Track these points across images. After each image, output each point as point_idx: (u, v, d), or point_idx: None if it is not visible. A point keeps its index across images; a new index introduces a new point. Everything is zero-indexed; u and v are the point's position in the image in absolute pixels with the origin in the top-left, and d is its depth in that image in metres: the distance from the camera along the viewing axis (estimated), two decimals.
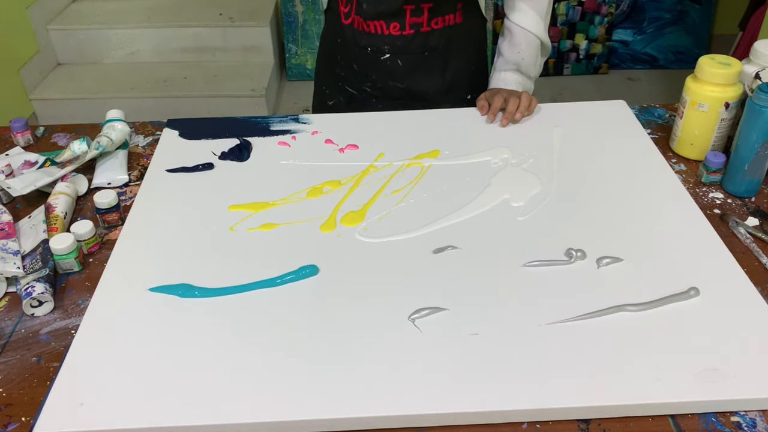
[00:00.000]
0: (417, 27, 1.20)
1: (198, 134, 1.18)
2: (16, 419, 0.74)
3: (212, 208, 1.01)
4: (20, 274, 0.88)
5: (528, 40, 1.24)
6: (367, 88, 1.29)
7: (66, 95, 2.81)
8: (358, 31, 1.22)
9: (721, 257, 0.89)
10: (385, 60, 1.24)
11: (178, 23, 2.97)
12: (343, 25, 1.24)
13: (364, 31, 1.21)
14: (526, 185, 1.04)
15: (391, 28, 1.19)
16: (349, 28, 1.23)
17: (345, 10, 1.21)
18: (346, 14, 1.21)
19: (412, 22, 1.19)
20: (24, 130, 1.20)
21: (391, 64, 1.24)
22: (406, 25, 1.19)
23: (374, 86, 1.28)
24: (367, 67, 1.26)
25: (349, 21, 1.22)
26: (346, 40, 1.25)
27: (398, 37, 1.21)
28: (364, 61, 1.25)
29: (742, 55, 1.18)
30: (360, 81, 1.28)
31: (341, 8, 1.22)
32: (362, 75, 1.27)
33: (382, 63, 1.24)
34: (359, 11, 1.19)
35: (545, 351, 0.76)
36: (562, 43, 3.12)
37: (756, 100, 0.97)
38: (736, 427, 0.71)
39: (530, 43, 1.24)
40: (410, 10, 1.18)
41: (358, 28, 1.22)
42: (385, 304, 0.83)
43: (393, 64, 1.24)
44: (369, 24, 1.20)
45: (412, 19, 1.19)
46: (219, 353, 0.78)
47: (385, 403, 0.71)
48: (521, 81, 1.25)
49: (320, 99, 1.39)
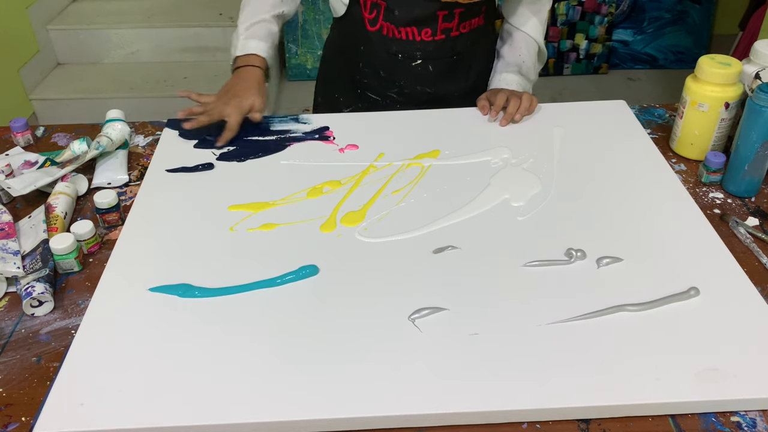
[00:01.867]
0: (447, 32, 1.20)
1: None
2: (16, 419, 0.74)
3: (212, 208, 1.01)
4: (20, 274, 0.88)
5: (528, 44, 1.24)
6: (392, 94, 1.28)
7: (66, 95, 2.81)
8: (387, 38, 1.21)
9: (721, 257, 0.89)
10: (417, 66, 1.23)
11: (178, 23, 2.97)
12: (368, 32, 1.22)
13: (394, 38, 1.20)
14: (526, 185, 1.04)
15: (423, 34, 1.19)
16: (377, 34, 1.21)
17: (370, 17, 1.19)
18: (372, 21, 1.19)
19: (444, 27, 1.19)
20: (24, 130, 1.20)
21: (422, 70, 1.24)
22: (437, 31, 1.19)
23: (401, 92, 1.27)
24: (396, 74, 1.25)
25: (376, 28, 1.20)
26: (372, 47, 1.23)
27: (430, 42, 1.20)
28: (393, 68, 1.24)
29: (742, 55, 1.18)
30: (386, 87, 1.27)
31: (365, 15, 1.20)
32: (389, 81, 1.26)
33: (413, 69, 1.24)
34: (389, 18, 1.18)
35: (545, 351, 0.76)
36: (562, 43, 3.12)
37: (756, 100, 0.97)
38: (736, 427, 0.71)
39: (530, 47, 1.25)
40: (442, 16, 1.17)
41: (388, 35, 1.20)
42: (385, 304, 0.83)
43: (424, 70, 1.24)
44: (400, 30, 1.19)
45: (444, 25, 1.18)
46: (219, 353, 0.78)
47: (385, 403, 0.71)
48: (522, 83, 1.26)
49: (331, 107, 1.35)
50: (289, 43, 3.12)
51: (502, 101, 1.18)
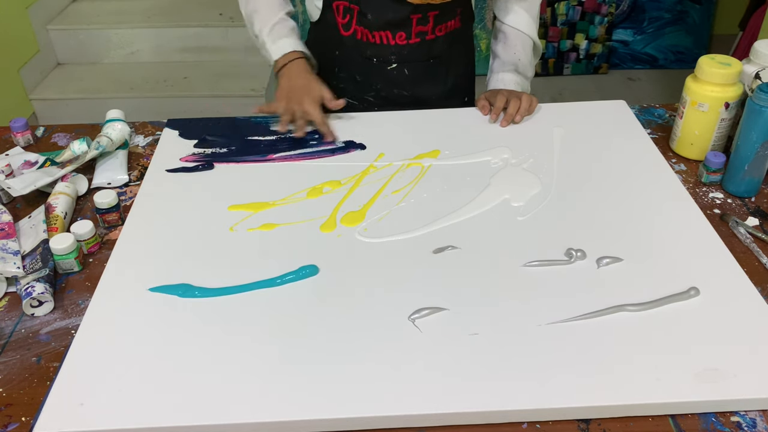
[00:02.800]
0: (423, 35, 1.19)
1: (198, 134, 1.18)
2: (16, 419, 0.74)
3: (212, 208, 1.01)
4: (20, 274, 0.88)
5: (523, 42, 1.24)
6: (369, 97, 1.28)
7: (66, 95, 2.80)
8: (362, 42, 1.21)
9: (721, 257, 0.89)
10: (392, 69, 1.23)
11: (178, 23, 2.97)
12: (342, 37, 1.22)
13: (369, 42, 1.20)
14: (526, 185, 1.04)
15: (397, 38, 1.19)
16: (351, 39, 1.21)
17: (344, 22, 1.19)
18: (345, 25, 1.19)
19: (418, 30, 1.18)
20: (24, 130, 1.20)
21: (398, 73, 1.24)
22: (412, 34, 1.19)
23: (378, 95, 1.27)
24: (372, 77, 1.25)
25: (350, 32, 1.20)
26: (346, 51, 1.23)
27: (404, 46, 1.20)
28: (369, 71, 1.24)
29: (742, 55, 1.18)
30: (362, 91, 1.27)
31: (339, 19, 1.20)
32: (365, 85, 1.26)
33: (389, 72, 1.24)
34: (362, 22, 1.18)
35: (545, 351, 0.76)
36: (562, 43, 3.12)
37: (756, 100, 0.97)
38: (736, 427, 0.71)
39: (525, 44, 1.25)
40: (416, 19, 1.17)
41: (362, 39, 1.20)
42: (385, 304, 0.83)
43: (399, 73, 1.24)
44: (374, 34, 1.19)
45: (418, 28, 1.18)
46: (219, 353, 0.78)
47: (385, 403, 0.71)
48: (519, 81, 1.26)
49: None
50: None
51: (502, 103, 1.18)
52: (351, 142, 1.15)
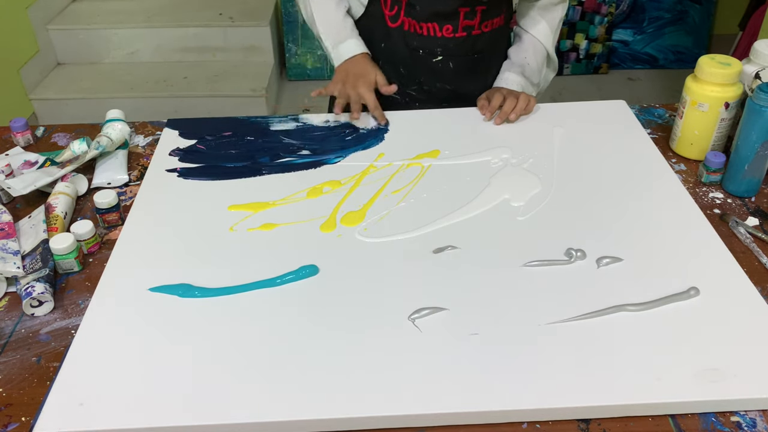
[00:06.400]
0: (469, 30, 1.20)
1: (198, 134, 1.18)
2: (16, 419, 0.74)
3: (212, 208, 1.01)
4: (20, 274, 0.88)
5: (535, 47, 1.25)
6: (412, 91, 1.28)
7: (66, 95, 2.81)
8: (409, 33, 1.22)
9: (721, 257, 0.89)
10: (437, 62, 1.24)
11: (178, 23, 2.97)
12: (389, 29, 1.23)
13: (416, 33, 1.21)
14: (526, 185, 1.04)
15: (444, 30, 1.20)
16: (398, 30, 1.22)
17: (391, 14, 1.20)
18: (393, 17, 1.20)
19: (465, 24, 1.19)
20: (24, 130, 1.20)
21: (443, 67, 1.24)
22: (459, 27, 1.19)
23: (420, 89, 1.28)
24: (416, 70, 1.26)
25: (398, 24, 1.21)
26: (392, 43, 1.24)
27: (451, 39, 1.21)
28: (414, 64, 1.25)
29: (742, 55, 1.18)
30: (405, 85, 1.27)
31: (386, 11, 1.21)
32: (409, 78, 1.27)
33: (434, 65, 1.24)
34: (410, 13, 1.19)
35: (545, 351, 0.76)
36: (562, 43, 3.12)
37: (756, 100, 0.97)
38: (736, 427, 0.71)
39: (537, 50, 1.26)
40: (464, 13, 1.18)
41: (410, 30, 1.21)
42: (385, 304, 0.83)
43: (444, 67, 1.24)
44: (422, 26, 1.20)
45: (465, 22, 1.19)
46: (219, 353, 0.78)
47: (385, 403, 0.71)
48: (523, 83, 1.26)
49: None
50: (289, 43, 3.12)
51: (499, 101, 1.18)
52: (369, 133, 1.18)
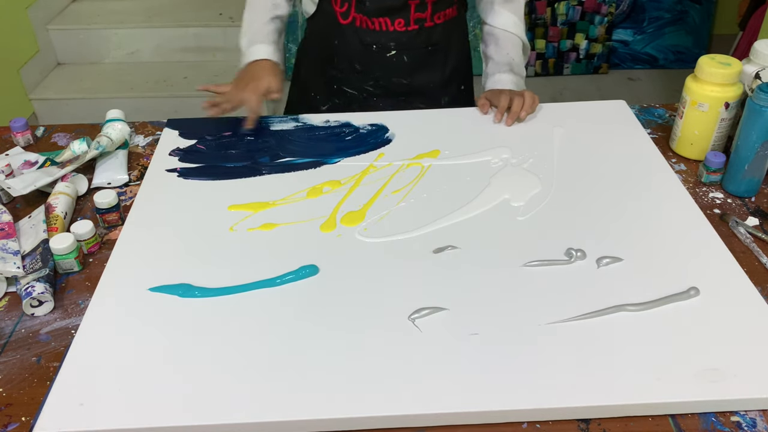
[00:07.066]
0: (421, 22, 1.21)
1: (198, 134, 1.18)
2: (16, 419, 0.74)
3: (212, 208, 1.01)
4: (20, 274, 0.88)
5: (513, 42, 1.26)
6: (369, 87, 1.29)
7: (66, 95, 2.80)
8: (361, 29, 1.22)
9: (721, 257, 0.89)
10: (391, 57, 1.24)
11: (178, 23, 2.97)
12: (341, 26, 1.23)
13: (368, 29, 1.21)
14: (526, 185, 1.04)
15: (396, 24, 1.20)
16: (350, 27, 1.22)
17: (342, 10, 1.21)
18: (344, 14, 1.21)
19: (417, 17, 1.20)
20: (24, 130, 1.20)
21: (397, 61, 1.25)
22: (410, 21, 1.20)
23: (377, 84, 1.28)
24: (372, 66, 1.26)
25: (349, 20, 1.21)
26: (346, 40, 1.24)
27: (403, 33, 1.21)
28: (369, 60, 1.25)
29: (742, 55, 1.18)
30: (361, 81, 1.28)
31: (337, 9, 1.21)
32: (365, 74, 1.27)
33: (388, 60, 1.25)
34: (360, 9, 1.19)
35: (545, 351, 0.76)
36: (562, 43, 3.12)
37: (756, 100, 0.97)
38: (736, 427, 0.71)
39: (515, 43, 1.27)
40: (414, 5, 1.18)
41: (362, 26, 1.21)
42: (385, 304, 0.83)
43: (399, 61, 1.25)
44: (373, 21, 1.20)
45: (416, 14, 1.20)
46: (219, 353, 0.78)
47: (385, 403, 0.71)
48: (516, 81, 1.27)
49: (308, 106, 1.35)
50: (289, 43, 3.12)
51: (506, 102, 1.18)
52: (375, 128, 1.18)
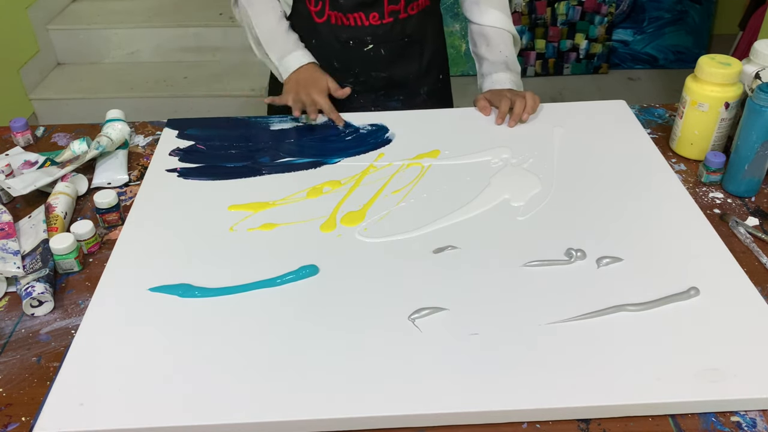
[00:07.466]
0: (395, 14, 1.21)
1: (198, 134, 1.18)
2: (16, 419, 0.74)
3: (212, 207, 1.01)
4: (20, 274, 0.88)
5: (504, 38, 1.26)
6: (348, 83, 1.28)
7: (66, 95, 2.80)
8: (336, 27, 1.22)
9: (721, 257, 0.89)
10: (369, 51, 1.24)
11: (178, 23, 2.97)
12: (316, 25, 1.23)
13: (343, 25, 1.22)
14: (526, 185, 1.04)
15: (371, 18, 1.20)
16: (325, 25, 1.23)
17: (316, 9, 1.21)
18: (319, 13, 1.21)
19: (391, 9, 1.20)
20: (24, 130, 1.20)
21: (375, 55, 1.25)
22: (385, 14, 1.20)
23: (357, 80, 1.28)
24: (350, 62, 1.26)
25: (324, 19, 1.21)
26: (322, 39, 1.24)
27: (379, 26, 1.22)
28: (347, 56, 1.26)
29: (742, 55, 1.18)
30: (341, 78, 1.27)
31: (311, 8, 1.21)
32: (344, 71, 1.27)
33: (365, 55, 1.25)
34: (335, 6, 1.20)
35: (545, 351, 0.76)
36: (562, 43, 3.12)
37: (756, 100, 0.97)
38: (736, 427, 0.71)
39: (505, 39, 1.27)
40: None
41: (337, 23, 1.22)
42: (385, 304, 0.83)
43: (376, 55, 1.25)
44: (348, 17, 1.20)
45: (390, 7, 1.20)
46: (219, 353, 0.78)
47: (386, 403, 0.71)
48: (513, 78, 1.27)
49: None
50: None
51: (507, 104, 1.18)
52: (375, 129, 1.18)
